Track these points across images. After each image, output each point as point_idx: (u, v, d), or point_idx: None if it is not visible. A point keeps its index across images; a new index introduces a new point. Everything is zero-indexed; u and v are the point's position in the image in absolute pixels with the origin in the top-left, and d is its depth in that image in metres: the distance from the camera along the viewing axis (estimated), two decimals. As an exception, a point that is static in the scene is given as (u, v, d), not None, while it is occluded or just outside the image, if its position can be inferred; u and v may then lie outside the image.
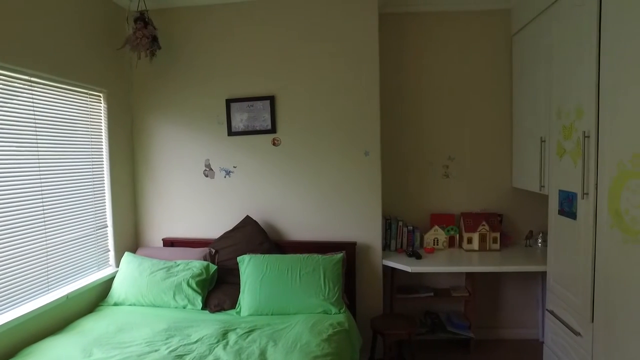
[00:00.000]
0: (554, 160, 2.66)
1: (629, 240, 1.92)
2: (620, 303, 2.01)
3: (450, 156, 3.47)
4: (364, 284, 3.13)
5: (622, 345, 2.00)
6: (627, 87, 1.94)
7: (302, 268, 2.73)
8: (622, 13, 1.98)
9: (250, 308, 2.65)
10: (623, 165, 1.96)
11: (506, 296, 3.53)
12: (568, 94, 2.46)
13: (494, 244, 3.23)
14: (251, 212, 3.19)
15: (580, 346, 2.39)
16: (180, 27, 3.19)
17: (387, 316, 2.99)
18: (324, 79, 3.09)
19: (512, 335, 3.52)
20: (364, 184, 3.09)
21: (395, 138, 3.49)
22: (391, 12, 3.41)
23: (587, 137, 2.24)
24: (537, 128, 2.94)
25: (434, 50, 3.45)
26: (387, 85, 3.42)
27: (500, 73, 3.42)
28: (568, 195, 2.49)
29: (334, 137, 3.11)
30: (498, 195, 3.47)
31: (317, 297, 2.62)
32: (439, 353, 3.29)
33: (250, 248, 3.00)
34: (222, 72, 3.18)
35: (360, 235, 3.11)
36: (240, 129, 3.21)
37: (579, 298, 2.38)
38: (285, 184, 3.18)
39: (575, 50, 2.38)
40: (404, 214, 3.47)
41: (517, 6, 3.27)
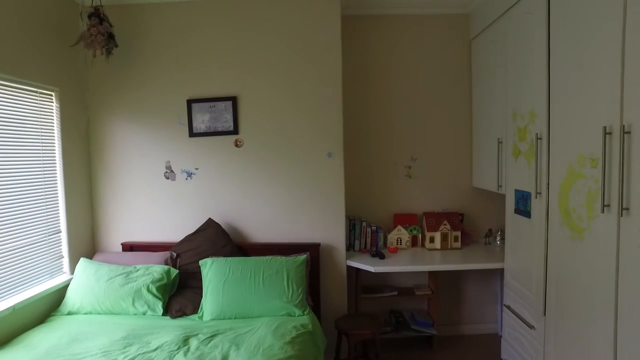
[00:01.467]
0: (510, 161, 2.76)
1: (576, 237, 2.02)
2: (568, 297, 2.11)
3: (412, 157, 3.54)
4: (329, 285, 3.14)
5: (570, 336, 2.10)
6: (572, 93, 2.04)
7: (265, 270, 2.70)
8: (567, 23, 2.08)
9: (213, 312, 2.60)
10: (571, 166, 2.06)
11: (467, 293, 3.63)
12: (522, 97, 2.56)
13: (455, 242, 3.32)
14: (214, 215, 3.13)
15: (534, 338, 2.49)
16: (138, 25, 3.09)
17: (352, 316, 3.01)
18: (287, 80, 3.08)
19: (473, 331, 3.63)
20: (328, 185, 3.09)
21: (359, 139, 3.52)
22: (354, 15, 3.44)
23: (540, 139, 2.34)
24: (494, 130, 3.04)
25: (397, 53, 3.50)
26: (350, 87, 3.44)
27: (460, 76, 3.52)
28: (523, 195, 2.58)
29: (297, 139, 3.10)
30: (459, 195, 3.56)
31: (281, 300, 2.61)
32: (404, 351, 3.34)
33: (212, 251, 2.95)
34: (183, 72, 3.11)
35: (324, 236, 3.11)
36: (202, 130, 3.14)
37: (533, 293, 2.48)
38: (248, 185, 3.14)
39: (528, 56, 2.47)
40: (368, 215, 3.51)
41: (474, 12, 3.37)
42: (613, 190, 1.73)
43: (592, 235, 1.90)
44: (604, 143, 1.76)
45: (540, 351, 2.41)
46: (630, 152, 1.64)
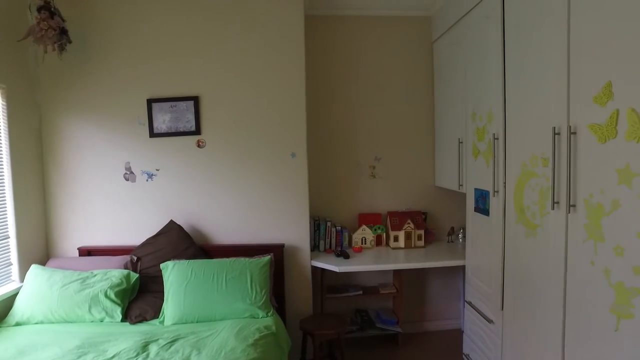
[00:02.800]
0: (470, 161, 2.84)
1: (530, 233, 2.09)
2: (523, 291, 2.18)
3: (376, 157, 3.57)
4: (293, 286, 3.13)
5: (525, 328, 2.17)
6: (525, 94, 2.11)
7: (229, 272, 2.66)
8: (519, 27, 2.15)
9: (174, 317, 2.54)
10: (525, 165, 2.13)
11: (431, 290, 3.70)
12: (481, 98, 2.63)
13: (418, 241, 3.37)
14: (176, 217, 3.05)
15: (492, 332, 2.56)
16: (94, 20, 2.97)
17: (317, 316, 3.00)
18: (250, 80, 3.04)
19: (438, 327, 3.70)
20: (291, 186, 3.08)
21: (323, 139, 3.52)
22: (318, 15, 3.44)
23: (497, 139, 2.41)
24: (455, 130, 3.11)
25: (361, 53, 3.52)
26: (314, 87, 3.44)
27: (423, 77, 3.58)
28: (482, 193, 2.66)
29: (260, 139, 3.06)
30: (422, 194, 3.62)
31: (244, 302, 2.57)
32: (369, 349, 3.37)
33: (174, 254, 2.87)
34: (143, 71, 3.01)
35: (288, 237, 3.10)
36: (163, 131, 3.06)
37: (492, 288, 2.55)
38: (211, 186, 3.08)
39: (485, 58, 2.54)
40: (333, 215, 3.52)
41: (436, 14, 3.44)
42: (562, 188, 1.80)
43: (544, 232, 1.98)
44: (554, 143, 1.83)
45: (498, 344, 2.49)
46: (576, 152, 1.71)
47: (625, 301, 1.46)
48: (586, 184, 1.67)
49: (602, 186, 1.58)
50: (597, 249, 1.61)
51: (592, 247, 1.63)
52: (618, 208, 1.50)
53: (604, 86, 1.54)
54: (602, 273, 1.58)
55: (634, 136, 1.40)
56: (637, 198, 1.40)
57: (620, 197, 1.48)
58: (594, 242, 1.62)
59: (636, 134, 1.39)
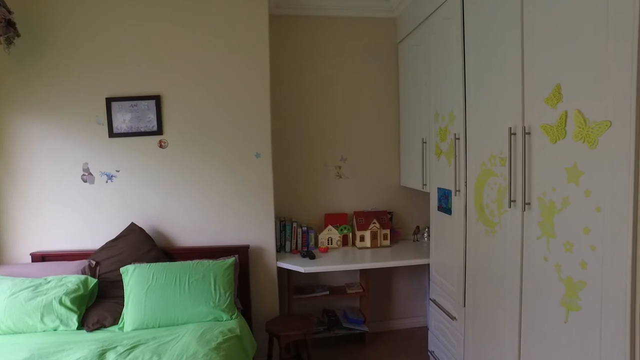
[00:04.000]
0: (433, 160, 2.88)
1: (489, 231, 2.14)
2: (484, 288, 2.24)
3: (342, 157, 3.58)
4: (259, 287, 3.09)
5: (485, 324, 2.22)
6: (484, 95, 2.16)
7: (192, 275, 2.60)
8: (478, 30, 2.21)
9: (135, 322, 2.46)
10: (484, 165, 2.18)
11: (398, 289, 3.74)
12: (443, 99, 2.68)
13: (384, 240, 3.40)
14: (137, 219, 2.96)
15: (455, 329, 2.61)
16: (48, 13, 2.84)
17: (283, 318, 2.98)
18: (213, 78, 2.99)
19: (405, 325, 3.74)
20: (256, 186, 3.05)
21: (289, 140, 3.50)
22: (283, 14, 3.42)
23: (458, 139, 2.46)
24: (419, 130, 3.16)
25: (327, 53, 3.53)
26: (280, 87, 3.42)
27: (389, 77, 3.62)
28: (445, 193, 2.70)
29: (223, 139, 3.01)
30: (388, 194, 3.66)
31: (207, 305, 2.52)
32: (336, 349, 3.37)
33: (135, 257, 2.79)
34: (101, 68, 2.90)
35: (253, 238, 3.06)
36: (123, 130, 2.97)
37: (454, 286, 2.60)
38: (173, 187, 3.01)
39: (447, 60, 2.59)
40: (299, 215, 3.50)
41: (401, 16, 3.48)
42: (518, 187, 1.85)
43: (502, 230, 2.03)
44: (510, 143, 1.88)
45: (460, 340, 2.54)
46: (531, 151, 1.76)
47: (574, 294, 1.52)
48: (540, 182, 1.72)
49: (553, 184, 1.63)
50: (549, 245, 1.67)
51: (545, 243, 1.69)
52: (568, 205, 1.55)
53: (554, 88, 1.59)
54: (553, 268, 1.64)
55: (580, 137, 1.46)
56: (584, 195, 1.46)
57: (570, 194, 1.54)
58: (547, 238, 1.68)
59: (582, 135, 1.45)
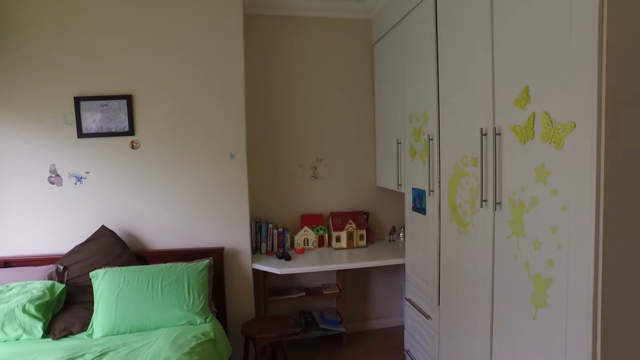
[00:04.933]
0: (407, 161, 2.91)
1: (462, 231, 2.17)
2: (457, 287, 2.27)
3: (318, 157, 3.58)
4: (235, 290, 3.05)
5: (459, 322, 2.26)
6: (457, 97, 2.20)
7: (165, 278, 2.55)
8: (450, 32, 2.24)
9: (105, 328, 2.38)
10: (457, 165, 2.21)
11: (374, 289, 3.76)
12: (417, 100, 2.71)
13: (360, 241, 3.41)
14: (108, 222, 2.88)
15: (430, 327, 2.64)
16: (10, 9, 2.73)
17: (259, 320, 2.96)
18: (187, 78, 2.93)
19: (381, 325, 3.76)
20: (231, 188, 3.01)
21: (264, 140, 3.47)
22: (258, 14, 3.39)
23: (431, 140, 2.49)
24: (394, 131, 3.18)
25: (302, 54, 3.52)
26: (254, 87, 3.39)
27: (364, 78, 3.63)
28: (419, 193, 2.73)
29: (197, 140, 2.97)
30: (364, 194, 3.67)
31: (181, 308, 2.47)
32: (313, 350, 3.36)
33: (106, 261, 2.71)
34: (69, 67, 2.81)
35: (228, 240, 3.02)
36: (93, 131, 2.88)
37: (429, 285, 2.63)
38: (146, 189, 2.94)
39: (421, 61, 2.62)
40: (275, 216, 3.48)
41: (376, 17, 3.50)
42: (489, 187, 1.88)
43: (474, 229, 2.06)
44: (481, 143, 1.91)
45: (435, 339, 2.57)
46: (501, 152, 1.80)
47: (542, 292, 1.55)
48: (510, 182, 1.76)
49: (523, 184, 1.67)
50: (519, 243, 1.70)
51: (515, 242, 1.72)
52: (536, 205, 1.59)
53: (522, 90, 1.63)
54: (523, 266, 1.67)
55: (547, 137, 1.50)
56: (551, 195, 1.49)
57: (538, 194, 1.57)
58: (517, 237, 1.71)
59: (549, 135, 1.48)
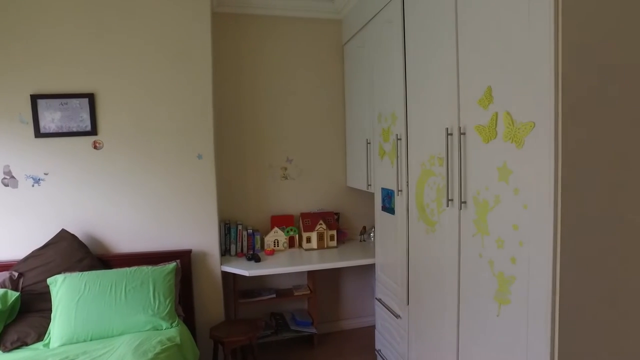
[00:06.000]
0: (377, 161, 2.92)
1: (430, 230, 2.19)
2: (426, 286, 2.29)
3: (288, 158, 3.55)
4: (203, 293, 2.99)
5: (428, 321, 2.27)
6: (424, 97, 2.22)
7: (129, 283, 2.46)
8: (417, 33, 2.26)
9: (63, 337, 2.28)
10: (424, 165, 2.23)
11: (346, 289, 3.76)
12: (386, 100, 2.72)
13: (331, 241, 3.41)
14: (68, 225, 2.77)
15: (400, 327, 2.65)
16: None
17: (228, 323, 2.90)
18: (153, 77, 2.85)
19: (353, 325, 3.76)
20: (199, 189, 2.94)
21: (234, 140, 3.42)
22: (228, 12, 3.34)
23: (400, 140, 2.50)
24: (363, 131, 3.19)
25: (273, 53, 3.48)
26: (224, 87, 3.34)
27: (335, 78, 3.63)
28: (388, 193, 2.74)
29: (164, 140, 2.89)
30: (334, 195, 3.67)
31: (146, 313, 2.40)
32: (284, 352, 3.32)
33: (66, 266, 2.60)
34: (25, 63, 2.68)
35: (196, 242, 2.95)
36: (52, 130, 2.76)
37: (398, 284, 2.65)
38: (110, 190, 2.84)
39: (389, 62, 2.63)
40: (244, 218, 3.43)
41: (346, 18, 3.51)
42: (455, 186, 1.90)
43: (441, 228, 2.08)
44: (447, 143, 1.93)
45: (405, 338, 2.58)
46: (466, 151, 1.82)
47: (505, 289, 1.58)
48: (474, 181, 1.78)
49: (486, 183, 1.69)
50: (483, 242, 1.72)
51: (480, 240, 1.75)
52: (499, 203, 1.61)
53: (485, 90, 1.65)
54: (487, 264, 1.70)
55: (509, 137, 1.52)
56: (513, 193, 1.52)
57: (501, 193, 1.60)
58: (481, 236, 1.74)
59: (510, 135, 1.51)
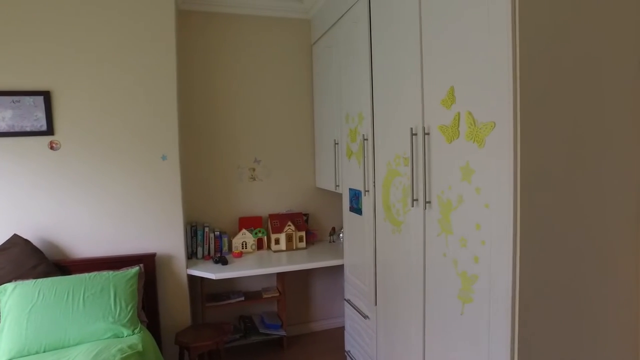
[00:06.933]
0: (344, 161, 2.91)
1: (396, 230, 2.20)
2: (393, 286, 2.29)
3: (256, 159, 3.50)
4: (168, 297, 2.90)
5: (395, 321, 2.28)
6: (389, 97, 2.22)
7: (88, 289, 2.35)
8: (383, 34, 2.26)
9: (12, 350, 2.14)
10: (390, 165, 2.24)
11: (315, 291, 3.74)
12: (353, 100, 2.72)
13: (300, 242, 3.38)
14: (22, 230, 2.62)
15: (368, 327, 2.65)
16: None
17: (194, 328, 2.83)
18: (114, 75, 2.75)
19: (323, 327, 3.74)
20: (163, 191, 2.86)
21: (200, 141, 3.34)
22: (194, 10, 3.26)
23: (366, 140, 2.50)
24: (332, 131, 3.18)
25: (240, 53, 3.42)
26: (190, 86, 3.26)
27: (304, 78, 3.61)
28: (356, 193, 2.74)
29: (126, 140, 2.79)
30: (303, 195, 3.64)
31: (105, 321, 2.30)
32: (253, 356, 3.27)
33: (18, 274, 2.46)
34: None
35: (160, 246, 2.86)
36: (3, 130, 2.62)
37: (366, 285, 2.64)
38: (68, 193, 2.71)
39: (356, 62, 2.63)
40: (212, 220, 3.35)
41: (315, 17, 3.49)
42: (420, 186, 1.91)
43: (407, 228, 2.09)
44: (412, 143, 1.94)
45: (373, 338, 2.58)
46: (430, 151, 1.83)
47: (468, 288, 1.59)
48: (438, 181, 1.79)
49: (450, 183, 1.71)
50: (447, 241, 1.74)
51: (444, 240, 1.76)
52: (462, 203, 1.63)
53: (448, 91, 1.67)
54: (451, 263, 1.71)
55: (471, 137, 1.54)
56: (475, 193, 1.54)
57: (464, 192, 1.61)
58: (445, 235, 1.75)
59: (472, 135, 1.52)
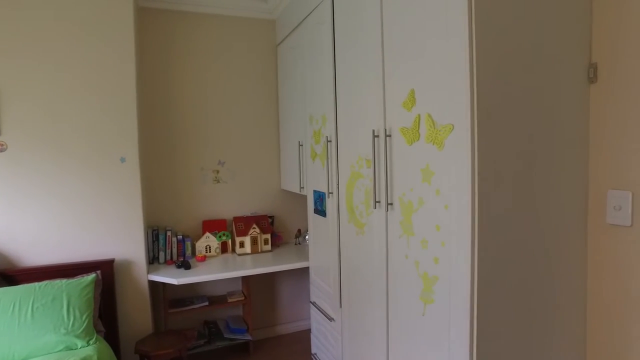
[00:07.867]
0: (309, 163, 2.89)
1: (359, 232, 2.20)
2: (357, 288, 2.29)
3: (220, 161, 3.43)
4: (128, 305, 2.80)
5: (359, 322, 2.28)
6: (352, 99, 2.22)
7: (37, 299, 2.23)
8: (346, 36, 2.26)
9: (-48, 367, 2.02)
10: (353, 167, 2.23)
11: (282, 294, 3.70)
12: (317, 102, 2.70)
13: (265, 245, 3.34)
14: (-35, 237, 2.47)
15: (334, 329, 2.64)
16: None
17: (156, 335, 2.74)
18: (69, 73, 2.63)
19: (290, 329, 3.71)
20: (121, 194, 2.75)
21: (162, 143, 3.24)
22: (154, 8, 3.16)
23: (330, 142, 2.49)
24: (296, 133, 3.16)
25: (204, 53, 3.35)
26: (151, 86, 3.16)
27: (268, 79, 3.57)
28: (320, 195, 2.73)
29: (80, 142, 2.67)
30: (269, 198, 3.60)
31: (57, 333, 2.18)
32: (218, 362, 3.21)
33: (-39, 284, 2.31)
34: None
35: (119, 251, 2.76)
36: (-57, 129, 2.46)
37: (331, 287, 2.63)
38: (16, 197, 2.56)
39: (320, 63, 2.62)
40: (174, 223, 3.26)
41: (279, 18, 3.46)
42: (382, 188, 1.92)
43: (370, 230, 2.09)
44: (374, 145, 1.94)
45: (339, 340, 2.57)
46: (392, 153, 1.84)
47: (429, 289, 1.61)
48: (400, 183, 1.80)
49: (411, 185, 1.72)
50: (409, 243, 1.75)
51: (406, 241, 1.77)
52: (423, 204, 1.64)
53: (409, 93, 1.68)
54: (413, 265, 1.72)
55: (431, 139, 1.55)
56: (435, 194, 1.55)
57: (424, 194, 1.63)
58: (407, 237, 1.76)
59: (432, 137, 1.54)
